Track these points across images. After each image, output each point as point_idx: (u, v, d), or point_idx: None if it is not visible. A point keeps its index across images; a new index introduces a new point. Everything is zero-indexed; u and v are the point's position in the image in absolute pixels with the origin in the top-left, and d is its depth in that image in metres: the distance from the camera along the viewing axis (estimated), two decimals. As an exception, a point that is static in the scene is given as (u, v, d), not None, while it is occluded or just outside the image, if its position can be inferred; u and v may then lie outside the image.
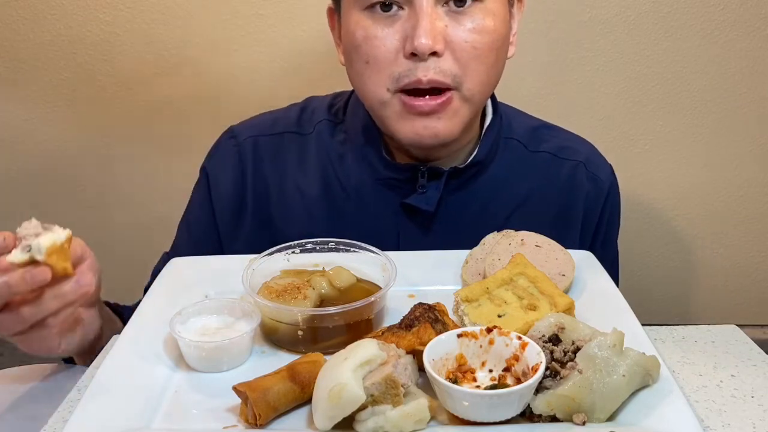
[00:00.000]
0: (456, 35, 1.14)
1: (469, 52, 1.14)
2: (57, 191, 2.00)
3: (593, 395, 0.80)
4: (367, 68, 1.17)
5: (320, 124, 1.37)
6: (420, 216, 1.29)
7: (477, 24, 1.14)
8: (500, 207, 1.32)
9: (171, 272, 1.15)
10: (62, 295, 0.97)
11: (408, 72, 1.14)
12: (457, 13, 1.14)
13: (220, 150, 1.38)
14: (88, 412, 0.84)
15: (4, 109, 1.91)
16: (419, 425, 0.80)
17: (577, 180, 1.35)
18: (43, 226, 0.96)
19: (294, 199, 1.34)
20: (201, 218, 1.38)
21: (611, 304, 1.04)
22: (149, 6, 1.81)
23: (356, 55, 1.18)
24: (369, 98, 1.21)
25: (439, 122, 1.17)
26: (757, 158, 1.93)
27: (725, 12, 1.80)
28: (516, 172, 1.34)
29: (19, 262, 0.93)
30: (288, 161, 1.35)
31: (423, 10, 1.11)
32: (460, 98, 1.17)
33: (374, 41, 1.15)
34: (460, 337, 0.87)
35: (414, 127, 1.17)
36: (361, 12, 1.16)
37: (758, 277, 2.06)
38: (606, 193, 1.37)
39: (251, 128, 1.39)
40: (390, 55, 1.15)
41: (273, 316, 0.98)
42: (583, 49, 1.84)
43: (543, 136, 1.38)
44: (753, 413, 0.91)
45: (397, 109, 1.18)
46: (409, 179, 1.28)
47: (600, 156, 1.41)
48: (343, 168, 1.33)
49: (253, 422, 0.82)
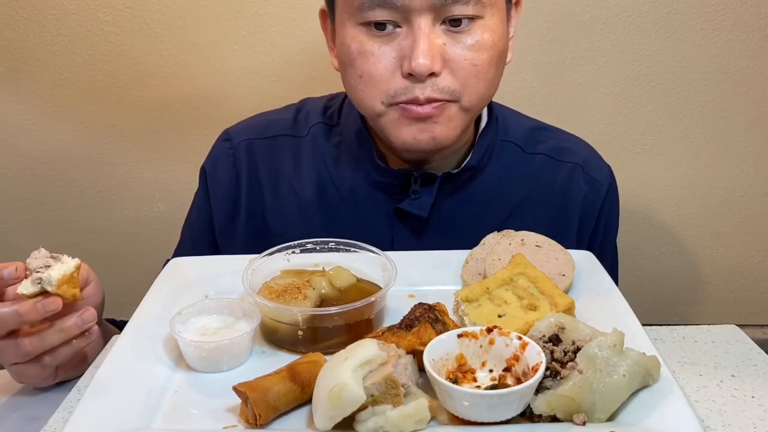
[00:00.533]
0: (454, 53, 1.12)
1: (468, 70, 1.13)
2: (57, 191, 2.00)
3: (593, 395, 0.80)
4: (360, 82, 1.15)
5: (315, 126, 1.36)
6: (413, 221, 1.29)
7: (476, 41, 1.12)
8: (495, 211, 1.31)
9: (171, 272, 1.15)
10: (65, 330, 0.97)
11: (405, 90, 1.12)
12: (455, 32, 1.11)
13: (216, 152, 1.39)
14: (88, 412, 0.84)
15: (4, 109, 1.91)
16: (419, 425, 0.80)
17: (574, 182, 1.34)
18: (52, 256, 0.96)
19: (289, 201, 1.34)
20: (199, 219, 1.39)
21: (611, 304, 1.04)
22: (149, 6, 1.81)
23: (351, 69, 1.16)
24: (363, 109, 1.20)
25: (436, 126, 1.15)
26: (756, 158, 1.93)
27: (725, 12, 1.80)
28: (512, 176, 1.33)
29: (29, 294, 0.94)
30: (283, 164, 1.35)
31: (421, 30, 1.09)
32: (459, 108, 1.16)
33: (370, 58, 1.13)
34: (461, 337, 0.87)
35: (411, 132, 1.16)
36: (356, 26, 1.14)
37: (758, 277, 2.06)
38: (603, 195, 1.36)
39: (246, 131, 1.39)
40: (386, 73, 1.13)
41: (273, 316, 0.98)
42: (583, 49, 1.84)
43: (540, 138, 1.37)
44: (753, 413, 0.91)
45: (393, 116, 1.16)
46: (402, 184, 1.27)
47: (598, 157, 1.40)
48: (337, 171, 1.33)
49: (253, 422, 0.82)
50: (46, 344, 0.97)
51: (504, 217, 1.31)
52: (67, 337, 0.98)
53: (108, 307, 1.18)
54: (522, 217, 1.31)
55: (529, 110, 1.46)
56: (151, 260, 1.66)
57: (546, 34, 1.83)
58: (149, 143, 1.95)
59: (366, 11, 1.10)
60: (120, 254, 2.05)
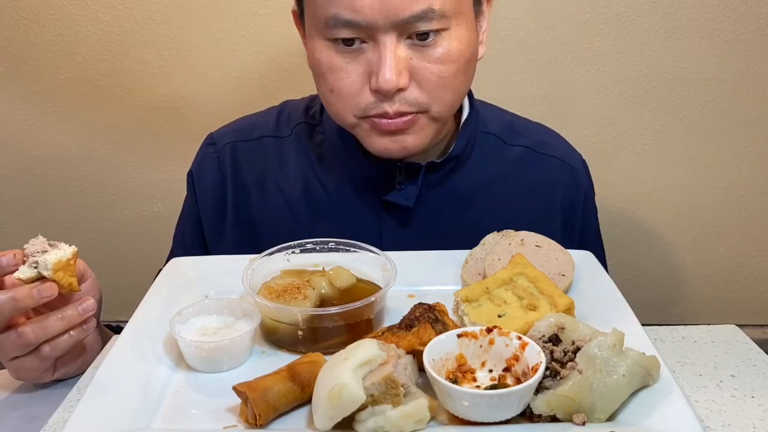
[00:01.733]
0: (421, 66, 1.12)
1: (435, 82, 1.13)
2: (56, 191, 2.00)
3: (593, 395, 0.80)
4: (332, 96, 1.17)
5: (298, 126, 1.38)
6: (400, 212, 1.29)
7: (442, 53, 1.12)
8: (479, 201, 1.33)
9: (171, 272, 1.15)
10: (67, 318, 0.99)
11: (374, 105, 1.13)
12: (421, 46, 1.11)
13: (201, 157, 1.40)
14: (88, 412, 0.84)
15: (4, 109, 1.91)
16: (419, 425, 0.80)
17: (555, 173, 1.38)
18: (49, 243, 0.98)
19: (275, 201, 1.35)
20: (188, 223, 1.41)
21: (611, 304, 1.04)
22: (149, 6, 1.81)
23: (322, 81, 1.17)
24: (337, 121, 1.22)
25: (407, 137, 1.17)
26: (756, 158, 1.93)
27: (725, 12, 1.80)
28: (494, 166, 1.35)
29: (26, 279, 0.95)
30: (268, 164, 1.37)
31: (386, 47, 1.09)
32: (428, 118, 1.17)
33: (339, 73, 1.14)
34: (460, 337, 0.87)
35: (384, 143, 1.18)
36: (324, 41, 1.14)
37: (758, 277, 2.06)
38: (581, 182, 1.40)
39: (230, 134, 1.40)
40: (355, 87, 1.14)
41: (273, 316, 0.98)
42: (583, 49, 1.84)
43: (518, 130, 1.40)
44: (753, 413, 0.91)
45: (365, 128, 1.18)
46: (386, 177, 1.28)
47: (571, 147, 1.44)
48: (322, 168, 1.34)
49: (253, 422, 0.82)
50: (48, 333, 0.98)
51: (488, 207, 1.33)
52: (68, 325, 0.99)
53: (108, 307, 1.18)
54: (506, 205, 1.34)
55: (529, 110, 1.46)
56: (151, 260, 1.66)
57: (546, 34, 1.83)
58: (149, 143, 1.95)
59: (332, 29, 1.11)
60: (120, 254, 2.05)
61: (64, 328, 0.99)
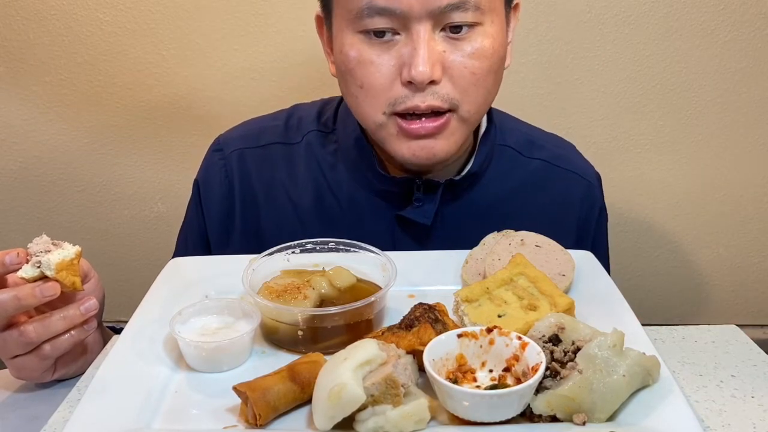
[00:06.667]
0: (454, 60, 1.11)
1: (467, 78, 1.12)
2: (57, 191, 2.00)
3: (593, 395, 0.80)
4: (361, 92, 1.14)
5: (310, 134, 1.35)
6: (416, 228, 1.28)
7: (476, 49, 1.11)
8: (496, 215, 1.31)
9: (171, 272, 1.15)
10: (69, 317, 0.99)
11: (405, 98, 1.12)
12: (455, 39, 1.11)
13: (208, 164, 1.38)
14: (88, 412, 0.84)
15: (4, 109, 1.91)
16: (419, 425, 0.80)
17: (572, 187, 1.37)
18: (53, 243, 0.98)
19: (285, 209, 1.33)
20: (194, 230, 1.39)
21: (611, 304, 1.04)
22: (149, 6, 1.82)
23: (350, 78, 1.15)
24: (364, 120, 1.19)
25: (436, 143, 1.15)
26: (757, 158, 1.94)
27: (725, 12, 1.80)
28: (512, 180, 1.34)
29: (29, 278, 0.95)
30: (277, 172, 1.34)
31: (421, 37, 1.08)
32: (458, 119, 1.15)
33: (369, 67, 1.12)
34: (460, 337, 0.87)
35: (411, 148, 1.16)
36: (354, 34, 1.12)
37: (758, 277, 2.06)
38: (596, 196, 1.40)
39: (237, 140, 1.38)
40: (386, 81, 1.12)
41: (273, 316, 0.98)
42: (583, 49, 1.84)
43: (537, 143, 1.39)
44: (753, 413, 0.91)
45: (393, 131, 1.16)
46: (403, 192, 1.27)
47: (585, 160, 1.44)
48: (335, 178, 1.32)
49: (253, 422, 0.82)
50: (50, 331, 0.98)
51: (505, 222, 1.31)
52: (70, 324, 0.99)
53: (108, 307, 1.18)
54: (522, 221, 1.31)
55: (529, 110, 1.47)
56: (151, 260, 1.66)
57: (546, 34, 1.83)
58: (149, 143, 1.95)
59: (365, 19, 1.10)
60: (120, 254, 2.05)
61: (66, 327, 0.99)
